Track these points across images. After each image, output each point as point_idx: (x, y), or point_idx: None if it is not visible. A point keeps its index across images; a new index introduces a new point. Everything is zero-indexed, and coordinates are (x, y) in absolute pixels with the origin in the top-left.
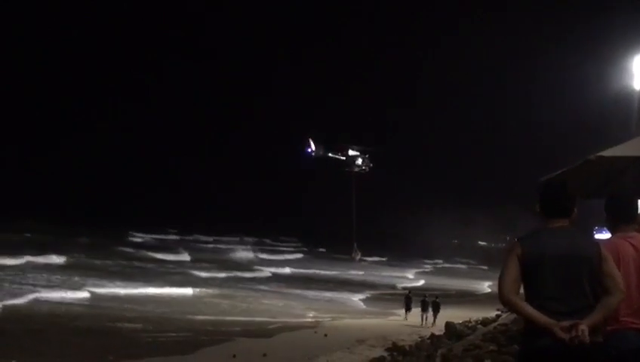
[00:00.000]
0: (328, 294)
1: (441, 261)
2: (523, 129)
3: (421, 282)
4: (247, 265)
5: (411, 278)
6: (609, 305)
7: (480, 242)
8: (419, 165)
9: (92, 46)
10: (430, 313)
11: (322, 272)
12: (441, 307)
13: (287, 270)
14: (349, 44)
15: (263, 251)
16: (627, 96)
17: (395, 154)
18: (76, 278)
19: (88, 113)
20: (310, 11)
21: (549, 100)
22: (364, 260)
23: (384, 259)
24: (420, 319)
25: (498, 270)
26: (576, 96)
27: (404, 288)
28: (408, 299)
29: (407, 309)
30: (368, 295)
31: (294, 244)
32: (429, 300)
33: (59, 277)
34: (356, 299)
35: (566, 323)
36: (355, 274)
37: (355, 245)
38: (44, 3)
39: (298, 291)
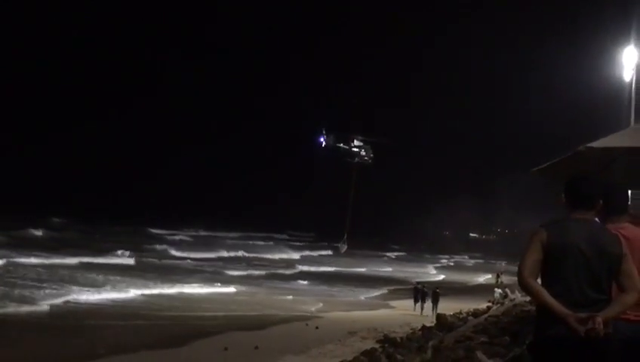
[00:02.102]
0: (355, 290)
1: (458, 256)
2: (514, 122)
3: (442, 277)
4: (283, 264)
5: (433, 273)
6: (624, 302)
7: (471, 234)
8: (411, 161)
9: (113, 44)
10: (429, 303)
11: (356, 270)
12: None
13: (322, 268)
14: (351, 44)
15: (292, 248)
16: (617, 87)
17: (393, 149)
18: (117, 278)
19: (91, 113)
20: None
21: (540, 94)
22: (387, 256)
23: (403, 253)
24: (420, 309)
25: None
26: (567, 87)
27: (418, 282)
28: (417, 291)
29: (416, 301)
30: (392, 289)
31: (310, 239)
32: (429, 291)
33: (103, 276)
34: (377, 293)
35: (583, 315)
36: (385, 270)
37: (345, 237)
38: None
39: (332, 289)
